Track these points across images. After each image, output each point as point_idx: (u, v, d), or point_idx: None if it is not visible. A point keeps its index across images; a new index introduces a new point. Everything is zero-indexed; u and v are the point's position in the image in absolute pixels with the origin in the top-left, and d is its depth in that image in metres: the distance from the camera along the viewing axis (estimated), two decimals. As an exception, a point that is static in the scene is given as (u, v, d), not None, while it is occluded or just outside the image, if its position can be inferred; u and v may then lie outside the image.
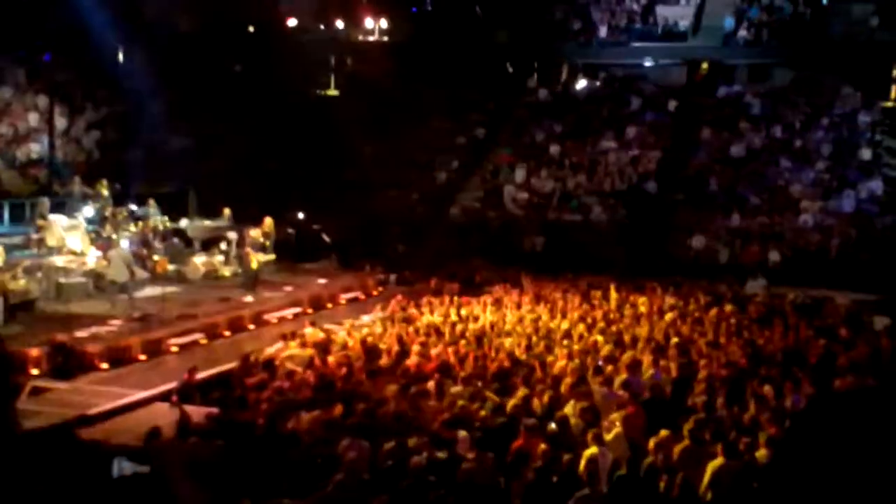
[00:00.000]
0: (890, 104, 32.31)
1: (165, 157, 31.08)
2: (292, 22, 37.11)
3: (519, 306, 21.18)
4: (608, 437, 11.35)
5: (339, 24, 37.53)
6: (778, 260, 27.13)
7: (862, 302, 22.63)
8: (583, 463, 10.21)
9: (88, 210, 25.39)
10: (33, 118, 30.96)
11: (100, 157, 31.54)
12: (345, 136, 33.26)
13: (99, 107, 33.53)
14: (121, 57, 34.80)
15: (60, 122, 31.05)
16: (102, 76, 33.88)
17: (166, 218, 26.01)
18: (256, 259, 23.25)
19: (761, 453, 10.89)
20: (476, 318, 19.54)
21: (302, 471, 10.12)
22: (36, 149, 30.18)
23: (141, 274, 22.12)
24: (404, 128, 34.80)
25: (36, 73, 32.07)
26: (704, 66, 35.67)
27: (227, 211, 27.28)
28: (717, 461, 10.41)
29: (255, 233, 24.80)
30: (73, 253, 22.50)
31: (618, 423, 11.85)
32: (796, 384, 14.08)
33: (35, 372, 15.88)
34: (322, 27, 37.26)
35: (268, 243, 25.48)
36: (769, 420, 12.04)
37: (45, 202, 24.73)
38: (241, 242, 25.00)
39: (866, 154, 30.56)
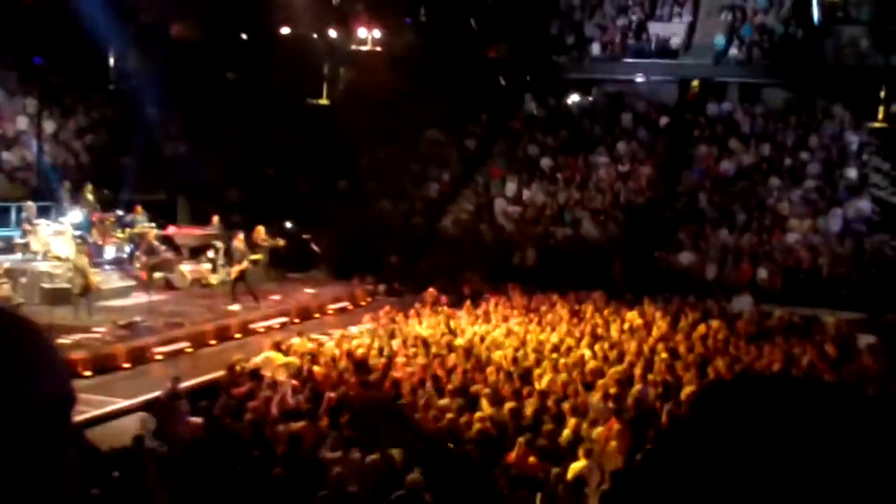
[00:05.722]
0: (878, 125, 32.46)
1: (157, 163, 30.98)
2: (285, 30, 37.07)
3: (507, 319, 21.15)
4: (599, 450, 11.32)
5: (333, 33, 37.51)
6: (766, 278, 27.16)
7: (849, 321, 22.65)
8: (569, 476, 10.18)
9: (76, 215, 25.25)
10: (22, 122, 30.79)
11: (90, 161, 31.39)
12: (339, 145, 33.25)
13: (90, 111, 33.40)
14: (112, 61, 34.72)
15: (50, 126, 30.90)
16: (95, 80, 33.81)
17: (154, 225, 25.83)
18: (237, 269, 22.91)
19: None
20: (464, 331, 19.50)
21: (287, 483, 10.04)
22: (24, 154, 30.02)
23: (102, 282, 21.74)
24: (398, 138, 34.82)
25: (27, 76, 31.93)
26: (696, 84, 35.78)
27: (216, 219, 27.15)
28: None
29: (237, 242, 24.14)
30: (58, 258, 22.35)
31: (607, 437, 11.81)
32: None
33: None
34: (316, 36, 37.23)
35: (261, 255, 25.00)
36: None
37: (32, 207, 24.59)
38: (227, 251, 24.77)
39: (853, 174, 30.65)
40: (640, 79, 36.23)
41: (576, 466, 10.56)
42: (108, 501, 8.75)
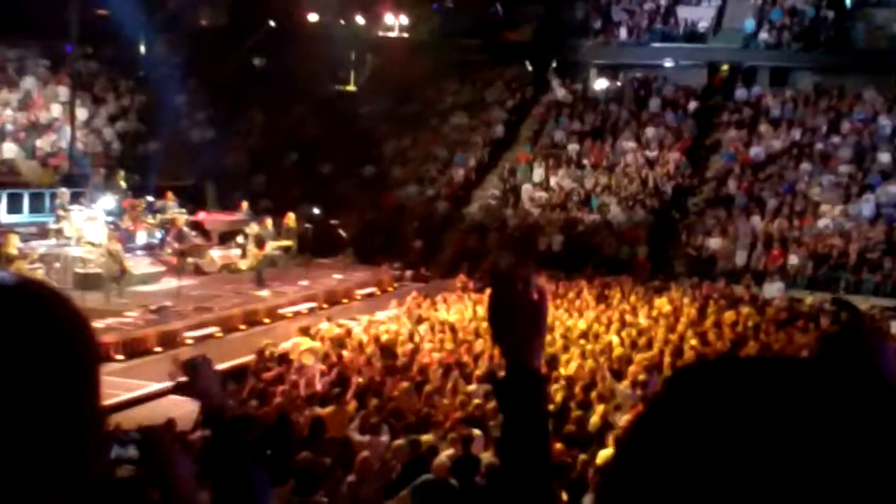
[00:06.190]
0: (912, 109, 32.09)
1: (185, 149, 31.17)
2: (313, 17, 37.14)
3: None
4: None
5: (360, 20, 37.54)
6: (797, 264, 26.96)
7: (881, 307, 22.49)
8: (599, 462, 10.17)
9: (108, 201, 25.47)
10: (55, 109, 31.06)
11: (120, 148, 31.64)
12: (364, 131, 33.31)
13: (120, 98, 33.63)
14: (143, 49, 34.92)
15: (82, 113, 31.12)
16: (125, 67, 34.05)
17: (184, 211, 26.07)
18: (260, 253, 23.55)
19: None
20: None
21: (312, 467, 10.09)
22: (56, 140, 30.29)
23: (133, 268, 21.99)
24: (424, 124, 34.85)
25: (58, 63, 32.19)
26: (724, 68, 35.46)
27: (244, 204, 27.36)
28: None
29: (255, 227, 24.74)
30: (91, 244, 22.56)
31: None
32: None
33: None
34: (343, 23, 37.27)
35: (291, 242, 25.51)
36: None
37: (66, 193, 24.81)
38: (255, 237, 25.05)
39: (886, 158, 30.34)
40: (668, 63, 35.99)
41: (605, 453, 10.55)
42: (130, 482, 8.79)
